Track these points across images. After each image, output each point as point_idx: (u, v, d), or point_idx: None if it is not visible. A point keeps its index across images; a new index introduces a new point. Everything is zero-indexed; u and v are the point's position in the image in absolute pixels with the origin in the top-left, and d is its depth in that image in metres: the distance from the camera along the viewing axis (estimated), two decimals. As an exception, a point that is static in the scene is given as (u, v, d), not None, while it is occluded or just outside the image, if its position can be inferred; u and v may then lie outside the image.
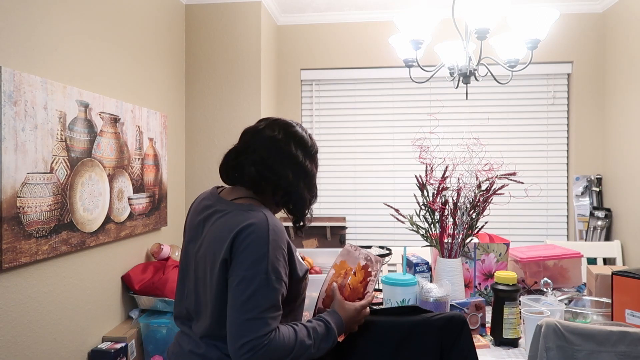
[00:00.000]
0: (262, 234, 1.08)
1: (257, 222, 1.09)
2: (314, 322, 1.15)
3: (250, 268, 1.05)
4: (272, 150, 1.19)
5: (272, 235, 1.09)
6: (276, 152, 1.19)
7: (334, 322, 1.16)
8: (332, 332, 1.15)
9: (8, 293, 1.68)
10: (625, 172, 3.05)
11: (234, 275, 1.07)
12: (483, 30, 1.85)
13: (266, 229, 1.09)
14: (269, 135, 1.20)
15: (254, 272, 1.05)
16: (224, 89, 3.21)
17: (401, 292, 1.60)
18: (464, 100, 3.45)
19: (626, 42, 3.05)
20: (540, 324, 1.13)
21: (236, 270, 1.07)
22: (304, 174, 1.22)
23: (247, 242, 1.07)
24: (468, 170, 1.76)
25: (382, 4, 3.38)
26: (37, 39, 1.81)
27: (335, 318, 1.18)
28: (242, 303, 1.04)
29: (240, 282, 1.05)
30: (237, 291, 1.05)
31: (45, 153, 1.81)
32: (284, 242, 1.12)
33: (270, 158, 1.18)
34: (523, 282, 2.02)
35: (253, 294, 1.04)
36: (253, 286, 1.04)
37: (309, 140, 1.26)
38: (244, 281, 1.05)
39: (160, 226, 2.79)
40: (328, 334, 1.14)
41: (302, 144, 1.23)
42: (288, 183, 1.19)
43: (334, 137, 3.68)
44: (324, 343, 1.13)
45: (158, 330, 2.36)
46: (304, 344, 1.09)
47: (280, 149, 1.19)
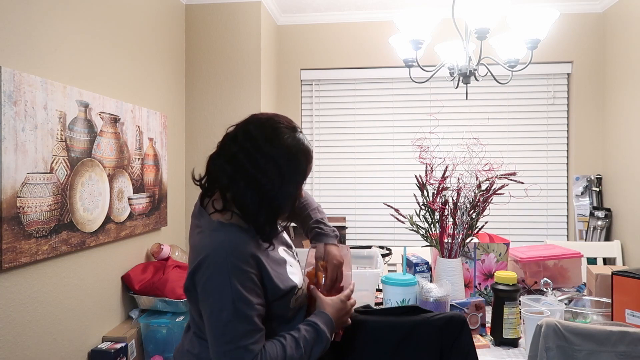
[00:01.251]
0: (220, 264, 1.02)
1: (215, 251, 1.03)
2: (302, 328, 1.10)
3: (217, 301, 1.02)
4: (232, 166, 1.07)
5: (232, 258, 1.02)
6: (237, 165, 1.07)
7: (323, 322, 1.12)
8: (323, 334, 1.10)
9: (8, 293, 1.68)
10: (625, 172, 3.05)
11: (204, 308, 1.05)
12: (483, 30, 1.85)
13: (224, 257, 1.02)
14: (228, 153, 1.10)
15: (221, 305, 1.01)
16: (224, 89, 3.21)
17: (401, 292, 1.60)
18: (464, 100, 3.45)
19: (626, 42, 3.05)
20: (540, 324, 1.13)
21: (204, 303, 1.04)
22: (248, 173, 1.06)
23: (207, 274, 1.03)
24: (468, 170, 1.76)
25: (382, 4, 3.38)
26: (37, 39, 1.81)
27: (322, 317, 1.13)
28: (220, 335, 1.02)
29: (210, 314, 1.03)
30: (211, 323, 1.03)
31: (45, 153, 1.81)
32: (249, 263, 1.04)
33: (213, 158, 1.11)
34: (523, 282, 2.02)
35: (226, 325, 1.01)
36: (224, 318, 1.01)
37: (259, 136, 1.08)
38: (214, 314, 1.02)
39: (160, 226, 2.79)
40: (318, 337, 1.10)
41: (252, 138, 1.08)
42: (226, 182, 1.07)
43: (334, 137, 3.68)
44: (317, 347, 1.09)
45: (158, 330, 2.36)
46: (293, 358, 1.05)
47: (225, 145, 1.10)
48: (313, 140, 3.69)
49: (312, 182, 3.67)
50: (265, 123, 1.10)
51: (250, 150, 1.06)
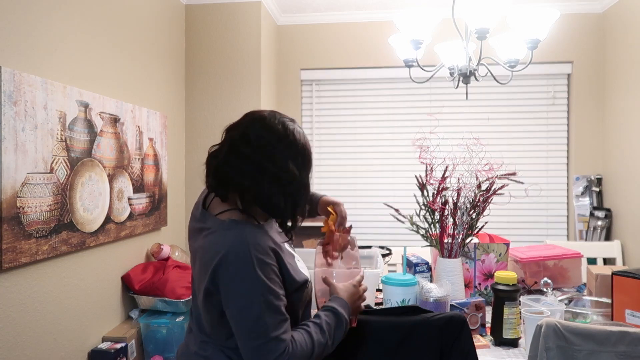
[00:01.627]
0: (244, 258, 1.03)
1: (236, 247, 1.04)
2: (322, 314, 1.13)
3: (246, 296, 1.02)
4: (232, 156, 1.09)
5: (254, 253, 1.03)
6: (235, 157, 1.08)
7: (340, 306, 1.15)
8: (342, 316, 1.14)
9: (8, 293, 1.68)
10: (625, 172, 3.05)
11: (232, 305, 1.04)
12: (483, 30, 1.85)
13: (246, 250, 1.03)
14: (231, 134, 1.12)
15: (251, 299, 1.02)
16: (224, 89, 3.21)
17: (401, 292, 1.60)
18: (464, 100, 3.44)
19: (626, 42, 3.05)
20: (540, 324, 1.13)
21: (232, 300, 1.04)
22: (268, 175, 1.07)
23: (232, 270, 1.03)
24: (468, 170, 1.76)
25: (382, 4, 3.38)
26: (37, 39, 1.81)
27: (338, 302, 1.16)
28: (250, 330, 1.02)
29: (241, 310, 1.03)
30: (241, 319, 1.03)
31: (45, 153, 1.81)
32: (270, 256, 1.07)
33: (226, 160, 1.09)
34: (523, 282, 2.02)
35: (257, 319, 1.02)
36: (255, 312, 1.02)
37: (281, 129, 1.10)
38: (244, 310, 1.03)
39: (160, 226, 2.79)
40: (338, 320, 1.13)
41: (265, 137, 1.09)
42: (249, 184, 1.07)
43: (334, 137, 3.68)
44: (338, 330, 1.13)
45: (158, 330, 2.36)
46: (320, 343, 1.09)
47: (238, 154, 1.08)
48: (313, 140, 3.69)
49: (312, 182, 3.66)
50: (272, 120, 1.12)
51: (268, 148, 1.08)
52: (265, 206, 1.10)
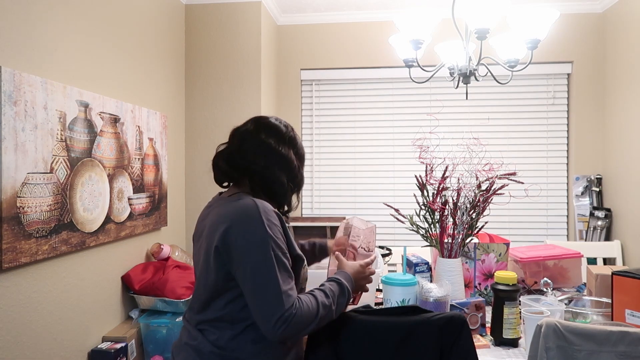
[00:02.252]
0: (254, 218, 1.13)
1: (247, 208, 1.15)
2: (326, 283, 1.23)
3: (257, 253, 1.11)
4: (242, 141, 1.27)
5: (264, 215, 1.14)
6: (246, 142, 1.26)
7: (344, 278, 1.26)
8: (345, 287, 1.23)
9: (8, 293, 1.68)
10: (625, 172, 3.05)
11: (243, 264, 1.12)
12: (483, 30, 1.85)
13: (257, 212, 1.14)
14: (241, 130, 1.30)
15: (262, 256, 1.11)
16: (224, 89, 3.21)
17: (401, 292, 1.60)
18: (464, 100, 3.45)
19: (626, 42, 3.05)
20: (540, 324, 1.13)
21: (243, 259, 1.12)
22: (278, 158, 1.26)
23: (242, 229, 1.13)
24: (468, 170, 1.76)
25: (382, 4, 3.38)
26: (37, 39, 1.81)
27: (342, 275, 1.27)
28: (261, 285, 1.10)
29: (252, 269, 1.11)
30: (253, 277, 1.11)
31: (45, 153, 1.81)
32: (276, 219, 1.18)
33: (240, 149, 1.26)
34: (523, 282, 2.02)
35: (268, 275, 1.10)
36: (266, 268, 1.10)
37: (283, 128, 1.31)
38: (256, 267, 1.11)
39: (160, 226, 2.79)
40: (342, 289, 1.22)
41: (273, 132, 1.29)
42: (261, 168, 1.24)
43: (334, 137, 3.68)
44: (341, 298, 1.21)
45: (158, 330, 2.36)
46: (325, 305, 1.16)
47: (249, 139, 1.27)
48: (313, 140, 3.69)
49: (312, 182, 3.67)
50: (277, 120, 1.32)
51: (276, 140, 1.27)
52: (271, 188, 1.25)
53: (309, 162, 3.70)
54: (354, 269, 1.31)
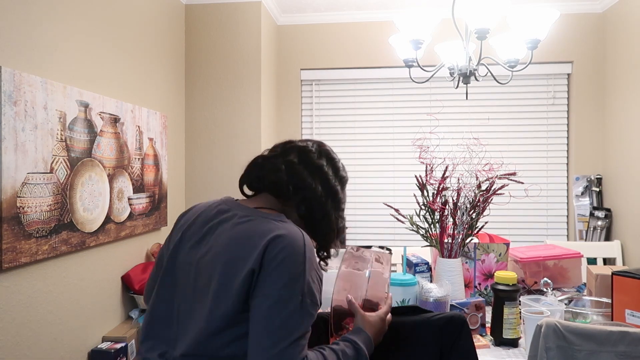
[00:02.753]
0: (298, 249, 0.95)
1: (292, 234, 0.97)
2: (341, 344, 1.04)
3: (286, 287, 0.93)
4: (303, 157, 1.13)
5: (309, 252, 0.97)
6: (307, 160, 1.12)
7: (363, 342, 1.06)
8: (362, 352, 1.04)
9: (8, 293, 1.68)
10: (625, 172, 3.05)
11: (266, 295, 0.93)
12: (483, 30, 1.85)
13: (302, 243, 0.97)
14: (302, 146, 1.16)
15: (290, 293, 0.93)
16: (224, 89, 3.21)
17: (401, 292, 1.60)
18: (464, 100, 3.45)
19: (626, 42, 3.05)
20: (540, 324, 1.13)
21: (268, 289, 0.93)
22: (332, 192, 1.13)
23: (282, 255, 0.94)
24: (468, 170, 1.76)
25: (382, 4, 3.38)
26: (37, 39, 1.81)
27: (362, 337, 1.07)
28: (277, 328, 0.92)
29: (274, 303, 0.92)
30: (270, 314, 0.92)
31: (45, 153, 1.81)
32: (317, 262, 1.02)
33: (300, 164, 1.11)
34: (523, 282, 2.02)
35: (288, 318, 0.92)
36: (289, 309, 0.92)
37: (340, 165, 1.21)
38: (279, 303, 0.92)
39: (160, 226, 2.79)
40: (358, 356, 1.03)
41: (332, 163, 1.18)
42: (315, 195, 1.09)
43: (334, 137, 3.68)
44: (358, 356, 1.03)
45: (158, 330, 2.36)
46: None
47: (311, 159, 1.13)
48: (313, 140, 3.69)
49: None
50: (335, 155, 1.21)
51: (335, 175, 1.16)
52: (318, 223, 1.11)
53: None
54: (374, 327, 1.10)
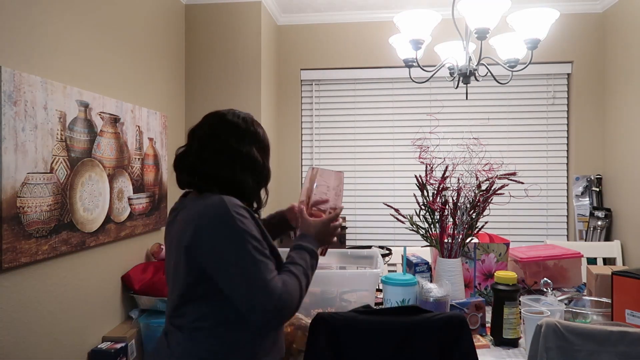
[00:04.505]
0: (225, 214, 1.09)
1: (215, 205, 1.11)
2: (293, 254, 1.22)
3: (234, 249, 1.08)
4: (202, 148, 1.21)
5: (233, 209, 1.11)
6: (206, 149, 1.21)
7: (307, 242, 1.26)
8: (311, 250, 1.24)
9: (8, 293, 1.68)
10: (625, 172, 3.05)
11: (223, 263, 1.08)
12: (483, 30, 1.85)
13: (226, 207, 1.10)
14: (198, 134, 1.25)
15: (240, 251, 1.08)
16: (224, 89, 3.21)
17: (401, 292, 1.60)
18: (464, 100, 3.45)
19: (626, 42, 3.05)
20: (540, 324, 1.13)
21: (221, 254, 1.09)
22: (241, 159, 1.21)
23: (213, 224, 1.09)
24: (468, 170, 1.76)
25: (382, 4, 3.38)
26: (37, 39, 1.81)
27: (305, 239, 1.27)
28: (247, 281, 1.07)
29: (231, 263, 1.08)
30: (234, 271, 1.08)
31: (45, 153, 1.81)
32: (246, 211, 1.14)
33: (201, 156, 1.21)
34: (523, 282, 2.02)
35: (251, 268, 1.07)
36: (247, 262, 1.07)
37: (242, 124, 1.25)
38: (236, 263, 1.08)
39: (160, 226, 2.79)
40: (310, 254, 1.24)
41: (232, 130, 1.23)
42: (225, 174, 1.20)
43: (334, 137, 3.68)
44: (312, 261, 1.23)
45: (158, 330, 2.36)
46: (303, 277, 1.17)
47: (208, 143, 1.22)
48: (313, 140, 3.69)
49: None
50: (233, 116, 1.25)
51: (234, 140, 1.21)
52: (238, 190, 1.20)
53: (308, 162, 3.70)
54: (316, 228, 1.30)
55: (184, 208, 1.20)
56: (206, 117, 1.27)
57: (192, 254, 1.11)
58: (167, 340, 1.18)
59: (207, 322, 1.14)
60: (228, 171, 1.19)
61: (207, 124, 1.25)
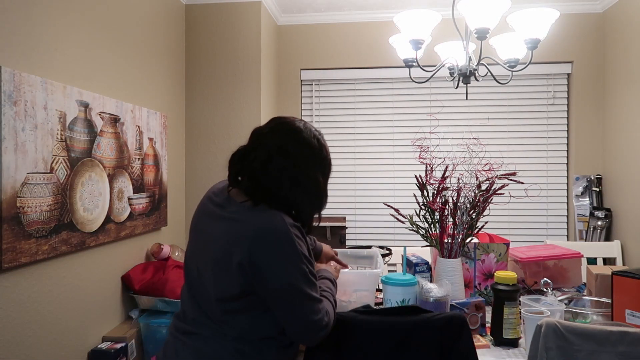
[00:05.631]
0: (284, 233, 1.10)
1: (275, 223, 1.11)
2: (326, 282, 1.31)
3: (291, 271, 1.11)
4: (268, 159, 1.16)
5: (292, 229, 1.12)
6: (272, 161, 1.16)
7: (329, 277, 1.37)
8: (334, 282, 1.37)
9: (8, 293, 1.68)
10: (625, 172, 3.05)
11: (276, 277, 1.10)
12: (483, 30, 1.85)
13: (285, 227, 1.11)
14: (267, 144, 1.18)
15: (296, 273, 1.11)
16: (224, 89, 3.21)
17: (401, 292, 1.60)
18: (464, 100, 3.45)
19: (626, 42, 3.05)
20: (540, 324, 1.13)
21: (275, 272, 1.10)
22: (305, 183, 1.19)
23: (271, 243, 1.10)
24: (468, 170, 1.76)
25: (382, 4, 3.38)
26: (37, 39, 1.81)
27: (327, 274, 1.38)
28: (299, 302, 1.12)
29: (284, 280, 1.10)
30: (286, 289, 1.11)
31: (45, 153, 1.81)
32: (300, 233, 1.16)
33: (265, 167, 1.16)
34: (523, 282, 2.02)
35: (301, 286, 1.11)
36: (298, 280, 1.11)
37: (315, 143, 1.20)
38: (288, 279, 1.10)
39: (160, 226, 2.79)
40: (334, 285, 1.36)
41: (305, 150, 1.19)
42: (285, 193, 1.17)
43: (334, 137, 3.68)
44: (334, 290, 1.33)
45: (158, 330, 2.36)
46: (334, 302, 1.25)
47: (276, 157, 1.16)
48: (313, 140, 3.68)
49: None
50: (308, 134, 1.20)
51: (304, 163, 1.18)
52: (292, 209, 1.20)
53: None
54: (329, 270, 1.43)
55: (236, 214, 1.15)
56: (278, 124, 1.21)
57: (245, 269, 1.11)
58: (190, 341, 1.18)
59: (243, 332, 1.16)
60: (289, 193, 1.17)
61: (278, 134, 1.19)
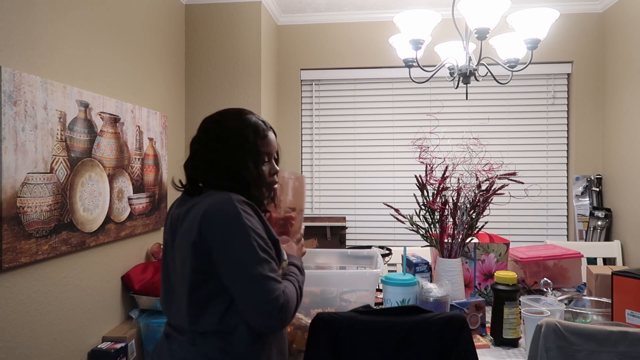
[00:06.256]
0: (232, 210, 1.10)
1: (221, 201, 1.12)
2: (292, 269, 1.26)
3: (239, 242, 1.09)
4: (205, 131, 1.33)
5: (239, 206, 1.11)
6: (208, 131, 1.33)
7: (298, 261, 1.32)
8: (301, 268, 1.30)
9: (8, 293, 1.68)
10: (625, 172, 3.05)
11: (227, 255, 1.09)
12: (483, 30, 1.85)
13: (233, 204, 1.11)
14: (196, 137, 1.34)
15: (244, 245, 1.08)
16: (224, 89, 3.21)
17: (401, 292, 1.60)
18: (464, 100, 3.45)
19: (626, 42, 3.05)
20: (540, 324, 1.13)
21: (226, 250, 1.09)
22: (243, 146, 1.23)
23: (219, 221, 1.10)
24: (468, 170, 1.76)
25: (382, 4, 3.38)
26: (37, 39, 1.81)
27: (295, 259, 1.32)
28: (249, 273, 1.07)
29: (236, 257, 1.09)
30: (238, 266, 1.08)
31: (45, 153, 1.81)
32: (252, 208, 1.15)
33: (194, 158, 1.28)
34: (523, 282, 2.02)
35: (254, 262, 1.08)
36: (250, 256, 1.08)
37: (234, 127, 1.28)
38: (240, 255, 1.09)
39: (160, 226, 2.79)
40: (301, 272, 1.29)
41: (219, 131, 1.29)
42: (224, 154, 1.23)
43: (334, 137, 3.68)
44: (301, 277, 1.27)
45: (158, 330, 2.36)
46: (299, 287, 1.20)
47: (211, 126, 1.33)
48: (313, 140, 3.69)
49: (312, 182, 3.67)
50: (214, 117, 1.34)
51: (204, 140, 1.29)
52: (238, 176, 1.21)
53: (309, 162, 3.70)
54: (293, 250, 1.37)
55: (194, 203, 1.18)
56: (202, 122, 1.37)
57: (198, 248, 1.11)
58: (168, 344, 1.17)
59: (212, 327, 1.12)
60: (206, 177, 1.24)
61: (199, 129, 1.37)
